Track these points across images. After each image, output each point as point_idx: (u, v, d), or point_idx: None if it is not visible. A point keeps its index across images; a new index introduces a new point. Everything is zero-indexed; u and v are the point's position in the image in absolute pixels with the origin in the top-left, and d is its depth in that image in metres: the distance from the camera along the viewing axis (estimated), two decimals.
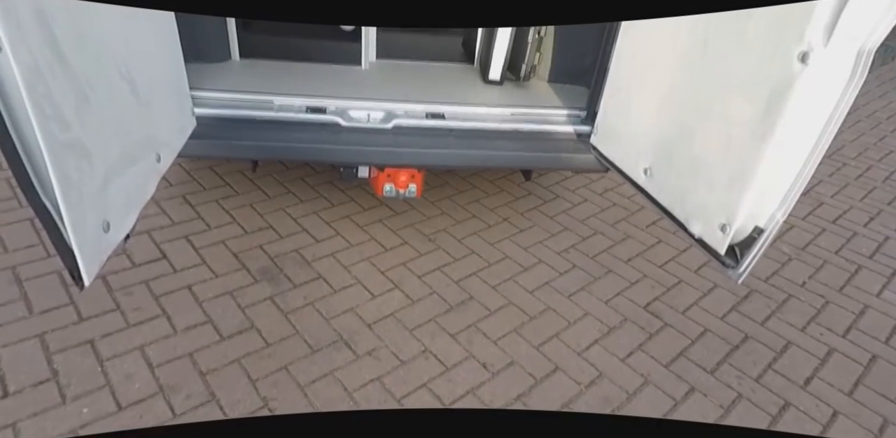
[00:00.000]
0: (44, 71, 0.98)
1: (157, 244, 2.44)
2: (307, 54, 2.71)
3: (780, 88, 1.33)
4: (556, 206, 3.08)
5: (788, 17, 1.30)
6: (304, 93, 2.29)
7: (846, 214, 3.17)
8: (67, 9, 1.07)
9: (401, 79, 2.69)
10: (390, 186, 2.37)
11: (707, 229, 1.62)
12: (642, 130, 1.91)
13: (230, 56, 2.62)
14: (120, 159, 1.29)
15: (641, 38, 1.91)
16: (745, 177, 1.46)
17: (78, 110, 1.09)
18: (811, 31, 1.25)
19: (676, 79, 1.73)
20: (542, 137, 2.34)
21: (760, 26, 1.39)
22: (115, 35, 1.31)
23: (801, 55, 1.27)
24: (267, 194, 2.91)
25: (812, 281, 2.60)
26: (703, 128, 1.61)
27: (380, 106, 2.29)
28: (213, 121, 2.07)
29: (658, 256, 2.71)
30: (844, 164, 3.72)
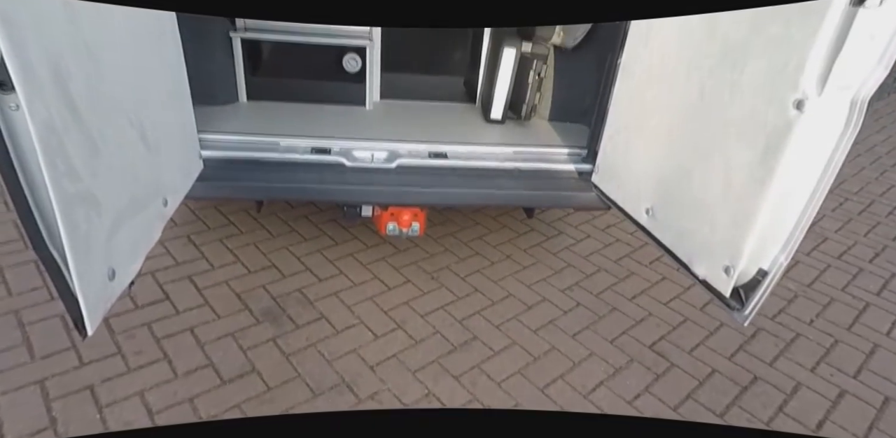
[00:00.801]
0: (58, 127, 1.01)
1: (160, 285, 2.44)
2: (313, 95, 2.76)
3: (778, 134, 1.35)
4: (558, 243, 3.09)
5: (783, 66, 1.33)
6: (309, 134, 2.33)
7: (851, 250, 3.16)
8: (83, 65, 1.11)
9: (404, 119, 2.74)
10: (393, 225, 2.38)
11: (711, 271, 1.62)
12: (643, 171, 1.93)
13: (237, 98, 2.67)
14: (128, 206, 1.31)
15: (640, 82, 1.94)
16: (746, 219, 1.47)
17: (89, 162, 1.11)
18: (805, 81, 1.28)
19: (675, 123, 1.76)
20: (544, 176, 2.37)
21: (756, 75, 1.42)
22: (127, 85, 1.34)
23: (797, 103, 1.30)
24: (271, 233, 2.92)
25: (820, 319, 2.58)
26: (703, 171, 1.63)
27: (383, 146, 2.32)
28: (220, 163, 2.10)
29: (663, 293, 2.70)
30: (847, 199, 3.73)
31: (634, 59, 1.97)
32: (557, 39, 2.79)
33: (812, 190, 1.41)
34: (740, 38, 1.47)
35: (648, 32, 1.89)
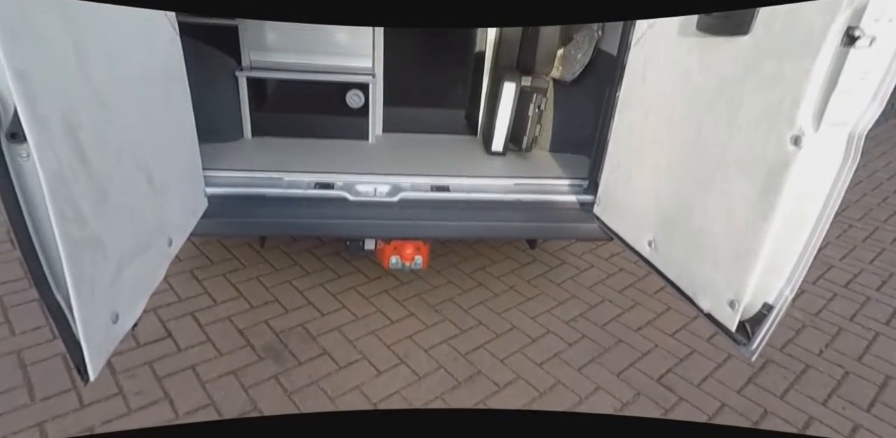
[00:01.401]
0: (67, 175, 1.02)
1: (162, 322, 2.43)
2: (316, 130, 2.80)
3: (777, 169, 1.36)
4: (562, 273, 3.08)
5: (778, 103, 1.34)
6: (312, 169, 2.36)
7: (857, 278, 3.14)
8: (94, 114, 1.13)
9: (406, 153, 2.77)
10: (396, 259, 2.38)
11: (716, 305, 1.61)
12: (644, 203, 1.93)
13: (242, 134, 2.71)
14: (133, 248, 1.32)
15: (638, 116, 1.97)
16: (749, 253, 1.46)
17: (96, 207, 1.13)
18: (801, 117, 1.29)
19: (674, 157, 1.77)
20: (546, 207, 2.37)
21: (753, 111, 1.44)
22: (136, 131, 1.37)
23: (794, 139, 1.31)
24: (274, 266, 2.92)
25: (829, 350, 2.54)
26: (705, 205, 1.63)
27: (386, 180, 2.34)
28: (224, 200, 2.12)
29: (668, 324, 2.67)
30: (851, 226, 3.73)
31: (632, 94, 2.00)
32: (556, 73, 2.84)
33: (814, 224, 1.41)
34: (735, 75, 1.50)
35: (645, 68, 1.92)
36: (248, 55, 2.69)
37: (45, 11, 0.99)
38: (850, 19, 1.18)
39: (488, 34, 2.94)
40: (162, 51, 1.58)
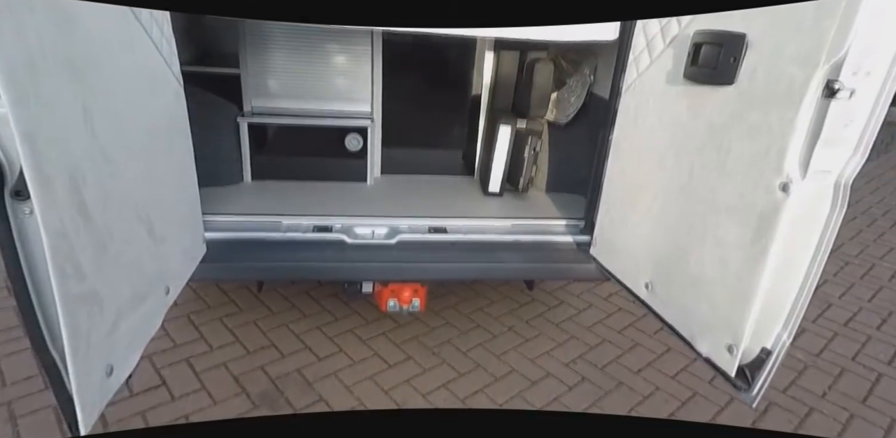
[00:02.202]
0: (69, 232, 1.04)
1: (157, 369, 2.40)
2: (316, 173, 2.84)
3: (767, 215, 1.39)
4: (561, 313, 3.06)
5: (766, 151, 1.38)
6: (311, 212, 2.38)
7: (857, 316, 3.12)
8: (99, 171, 1.15)
9: (404, 194, 2.80)
10: (394, 302, 2.38)
11: (714, 349, 1.60)
12: (640, 245, 1.95)
13: (242, 178, 2.75)
14: (130, 300, 1.32)
15: (631, 159, 2.01)
16: (745, 298, 1.47)
17: (96, 262, 1.13)
18: (788, 165, 1.32)
19: (667, 200, 1.80)
20: (543, 248, 2.39)
21: (741, 157, 1.47)
22: (138, 183, 1.39)
23: (782, 185, 1.34)
24: (271, 309, 2.91)
25: (833, 392, 2.51)
26: (699, 248, 1.65)
27: (384, 222, 2.36)
28: (223, 245, 2.13)
29: (669, 365, 2.64)
30: (847, 263, 3.73)
31: (624, 138, 2.05)
32: (551, 116, 2.91)
33: (807, 269, 1.43)
34: (723, 122, 1.54)
35: (636, 113, 1.97)
36: (250, 101, 2.76)
37: (56, 73, 1.02)
38: (829, 73, 1.22)
39: (484, 77, 3.02)
40: (166, 104, 1.63)
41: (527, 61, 2.86)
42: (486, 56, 2.96)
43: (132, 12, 1.37)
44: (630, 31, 1.98)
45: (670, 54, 1.77)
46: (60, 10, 1.05)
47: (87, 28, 1.15)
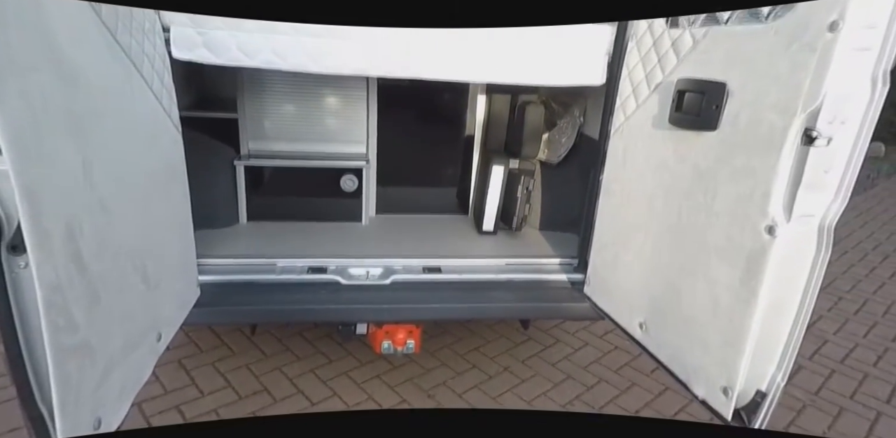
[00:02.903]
0: (63, 285, 1.04)
1: (146, 418, 2.35)
2: (311, 213, 2.86)
3: (755, 257, 1.41)
4: (557, 352, 3.04)
5: (750, 194, 1.42)
6: (306, 253, 2.39)
7: (853, 353, 3.11)
8: (96, 221, 1.17)
9: (399, 234, 2.82)
10: (388, 343, 2.36)
11: (709, 392, 1.60)
12: (633, 285, 1.96)
13: (238, 220, 2.77)
14: (122, 349, 1.31)
15: (621, 200, 2.05)
16: (737, 339, 1.48)
17: (89, 313, 1.13)
18: (773, 208, 1.36)
19: (658, 241, 1.82)
20: (537, 287, 2.39)
21: (728, 200, 1.51)
22: (135, 231, 1.40)
23: (768, 228, 1.37)
24: (264, 352, 2.87)
25: (832, 432, 2.47)
26: (691, 289, 1.66)
27: (378, 262, 2.37)
28: (217, 288, 2.13)
29: (667, 406, 2.61)
30: (841, 298, 3.74)
31: (614, 179, 2.09)
32: (542, 156, 2.96)
33: (797, 309, 1.44)
34: (708, 166, 1.58)
35: (625, 155, 2.02)
36: (247, 144, 2.81)
37: (58, 129, 1.05)
38: (806, 121, 1.27)
39: (477, 118, 3.09)
40: (165, 151, 1.66)
41: (518, 103, 2.94)
42: (478, 98, 3.05)
43: (134, 66, 1.42)
44: (616, 77, 2.05)
45: (656, 100, 1.83)
46: (66, 66, 1.09)
47: (91, 82, 1.18)
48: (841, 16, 1.17)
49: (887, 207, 5.49)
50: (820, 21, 1.21)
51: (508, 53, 2.10)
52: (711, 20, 1.66)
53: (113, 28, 1.29)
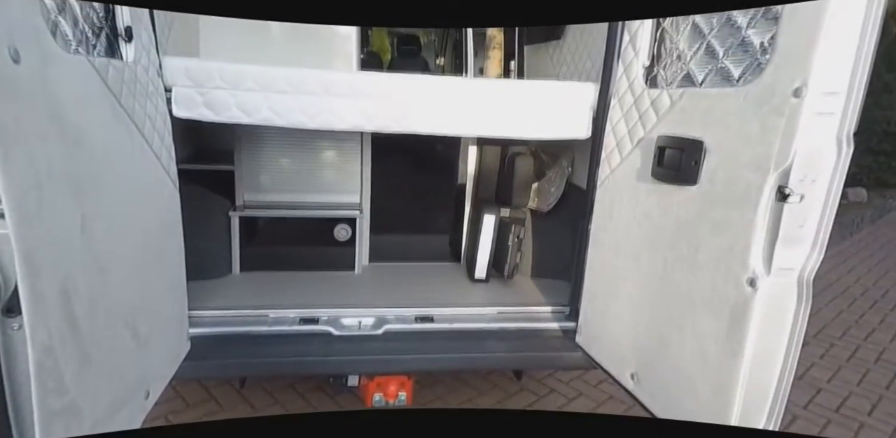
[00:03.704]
0: (56, 347, 1.04)
1: None
2: (304, 262, 2.87)
3: (739, 309, 1.45)
4: (551, 402, 3.00)
5: (731, 247, 1.47)
6: (298, 303, 2.39)
7: (847, 401, 3.09)
8: (91, 282, 1.19)
9: (392, 282, 2.83)
10: (379, 396, 2.33)
11: None
12: (623, 335, 1.98)
13: (231, 270, 2.78)
14: (109, 409, 1.30)
15: (609, 251, 2.09)
16: (726, 390, 1.49)
17: (79, 375, 1.13)
18: (753, 261, 1.41)
19: (646, 292, 1.86)
20: (530, 336, 2.39)
21: (710, 253, 1.56)
22: (127, 288, 1.41)
23: (750, 281, 1.41)
24: (253, 406, 2.82)
25: None
26: (679, 340, 1.69)
27: (371, 312, 2.37)
28: (207, 341, 2.11)
29: None
30: (832, 345, 3.75)
31: (602, 230, 2.14)
32: (532, 205, 3.03)
33: (783, 360, 1.46)
34: (690, 220, 1.64)
35: (611, 206, 2.08)
36: (243, 195, 2.85)
37: (60, 192, 1.08)
38: (779, 179, 1.34)
39: (469, 168, 3.17)
40: (161, 208, 1.69)
41: (508, 154, 3.03)
42: (469, 149, 3.13)
43: (136, 127, 1.47)
44: (601, 131, 2.13)
45: (638, 154, 1.91)
46: (71, 131, 1.13)
47: (94, 145, 1.23)
48: (804, 83, 1.25)
49: (873, 252, 5.57)
50: (785, 87, 1.29)
51: (498, 108, 2.19)
52: (687, 82, 1.76)
53: (118, 93, 1.36)
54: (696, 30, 1.72)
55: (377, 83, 2.10)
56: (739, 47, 1.55)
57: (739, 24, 1.55)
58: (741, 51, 1.54)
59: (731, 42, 1.58)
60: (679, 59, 1.81)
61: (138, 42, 1.54)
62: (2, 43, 0.88)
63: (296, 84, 1.99)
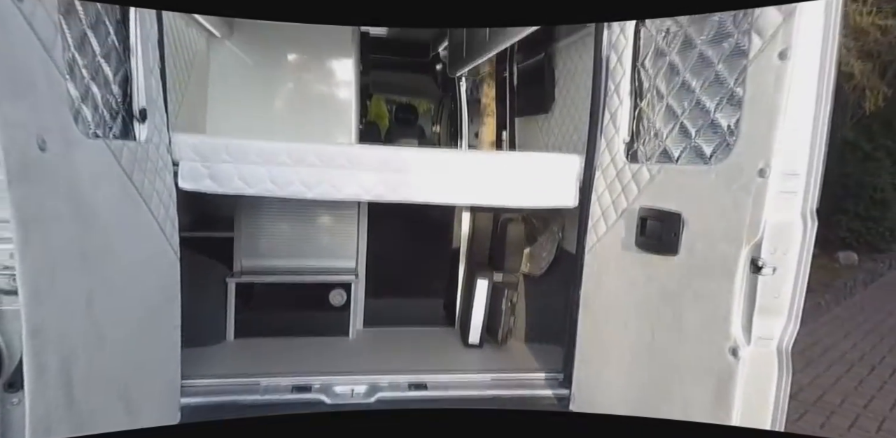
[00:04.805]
0: (52, 419, 1.06)
1: None
2: (299, 328, 2.87)
3: (724, 378, 1.48)
4: None
5: (713, 316, 1.52)
6: (291, 370, 2.38)
7: None
8: (90, 352, 1.22)
9: (386, 348, 2.82)
10: None
11: None
12: (616, 403, 1.97)
13: (225, 337, 2.78)
14: None
15: (598, 317, 2.13)
16: None
17: None
18: (734, 331, 1.46)
19: (635, 359, 1.88)
20: (524, 404, 2.37)
21: (694, 322, 1.60)
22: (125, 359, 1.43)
23: (732, 350, 1.46)
24: None
25: None
26: (668, 409, 1.70)
27: (364, 379, 2.36)
28: (197, 410, 2.09)
29: None
30: (832, 413, 3.68)
31: (591, 296, 2.19)
32: (525, 269, 3.08)
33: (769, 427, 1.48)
34: (674, 289, 1.70)
35: (599, 273, 2.14)
36: (241, 261, 2.90)
37: (71, 269, 1.13)
38: (752, 251, 1.41)
39: (462, 233, 3.24)
40: (162, 277, 1.75)
41: (500, 220, 3.12)
42: (463, 215, 3.23)
43: (144, 201, 1.56)
44: (587, 201, 2.23)
45: (623, 224, 1.99)
46: (84, 210, 1.21)
47: (104, 222, 1.30)
48: (767, 164, 1.35)
49: (868, 316, 5.55)
50: (751, 167, 1.40)
51: (489, 179, 2.29)
52: (665, 157, 1.88)
53: (130, 171, 1.45)
54: (669, 110, 1.86)
55: (374, 156, 2.21)
56: (709, 128, 1.68)
57: (708, 107, 1.68)
58: (711, 131, 1.67)
59: (702, 123, 1.70)
60: (656, 137, 1.93)
61: (151, 122, 1.65)
62: (31, 133, 0.97)
63: (296, 157, 2.10)
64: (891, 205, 7.57)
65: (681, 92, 1.80)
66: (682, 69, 1.78)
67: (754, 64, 1.41)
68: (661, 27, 1.89)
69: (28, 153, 0.96)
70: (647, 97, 1.98)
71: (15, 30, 0.92)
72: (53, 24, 1.05)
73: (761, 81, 1.39)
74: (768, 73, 1.36)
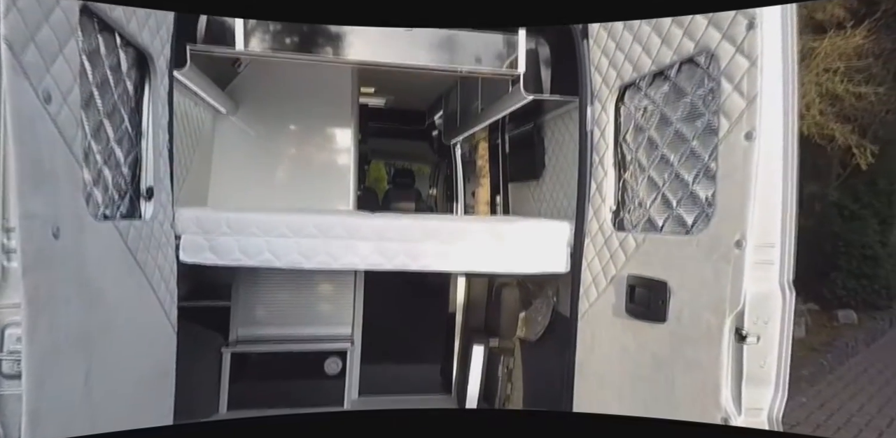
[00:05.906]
0: None
1: None
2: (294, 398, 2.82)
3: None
4: None
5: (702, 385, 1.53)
6: None
7: None
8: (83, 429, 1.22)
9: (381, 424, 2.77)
10: None
11: None
12: None
13: (218, 409, 2.73)
14: None
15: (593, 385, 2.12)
16: None
17: None
18: (724, 401, 1.47)
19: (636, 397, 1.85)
20: None
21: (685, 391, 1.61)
22: None
23: (724, 421, 1.46)
24: None
25: None
26: None
27: None
28: None
29: None
30: None
31: (586, 362, 2.19)
32: (521, 333, 3.08)
33: None
34: (665, 356, 1.72)
35: (592, 339, 2.16)
36: (237, 330, 2.90)
37: (73, 351, 1.15)
38: (735, 320, 1.45)
39: (458, 298, 3.26)
40: (158, 352, 1.76)
41: (495, 285, 3.16)
42: (458, 280, 3.26)
43: (146, 278, 1.60)
44: (578, 267, 2.28)
45: (612, 291, 2.03)
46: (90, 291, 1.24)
47: (107, 301, 1.34)
48: (743, 236, 1.42)
49: (872, 377, 5.46)
50: (728, 239, 1.46)
51: (483, 246, 2.34)
52: (649, 226, 1.95)
53: (134, 249, 1.51)
54: (651, 182, 1.95)
55: (371, 225, 2.28)
56: (689, 199, 1.76)
57: (686, 179, 1.77)
58: (691, 202, 1.75)
59: (682, 194, 1.79)
60: (641, 206, 2.02)
61: (157, 200, 1.73)
62: (47, 223, 1.03)
63: (295, 228, 2.17)
64: (881, 261, 7.64)
65: (661, 165, 1.90)
66: (660, 144, 1.89)
67: (724, 143, 1.52)
68: (640, 105, 2.02)
69: (43, 242, 1.01)
70: (631, 169, 2.08)
71: (42, 130, 1.00)
72: (75, 120, 1.14)
73: (732, 159, 1.48)
74: (737, 152, 1.46)
